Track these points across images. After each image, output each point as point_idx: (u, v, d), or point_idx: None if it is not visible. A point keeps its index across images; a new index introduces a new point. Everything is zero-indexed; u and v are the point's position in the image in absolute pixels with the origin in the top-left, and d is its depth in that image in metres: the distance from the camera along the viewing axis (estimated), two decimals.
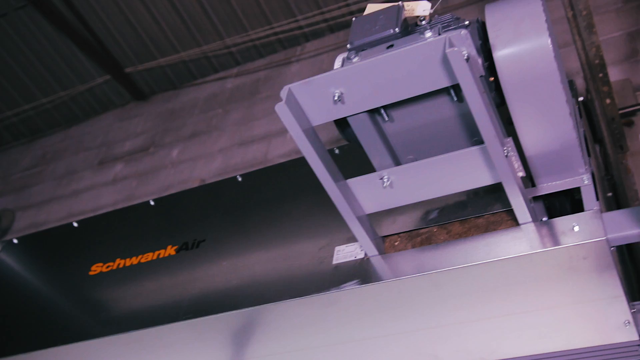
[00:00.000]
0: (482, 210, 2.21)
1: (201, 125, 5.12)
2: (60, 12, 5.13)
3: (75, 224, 3.30)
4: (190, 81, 5.54)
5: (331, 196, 2.10)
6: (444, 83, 1.84)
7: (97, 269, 2.92)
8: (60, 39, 5.31)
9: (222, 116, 5.11)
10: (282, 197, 2.76)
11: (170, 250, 2.78)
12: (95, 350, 2.70)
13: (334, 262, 2.34)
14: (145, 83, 5.60)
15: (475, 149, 1.95)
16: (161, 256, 2.78)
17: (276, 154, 4.23)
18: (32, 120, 5.87)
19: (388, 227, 2.35)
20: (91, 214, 3.60)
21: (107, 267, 2.89)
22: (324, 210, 2.57)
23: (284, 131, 4.47)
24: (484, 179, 2.02)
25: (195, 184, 4.20)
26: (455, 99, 1.94)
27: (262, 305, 2.35)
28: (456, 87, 1.89)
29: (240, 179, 2.96)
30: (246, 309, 2.37)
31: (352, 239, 2.35)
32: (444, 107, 1.99)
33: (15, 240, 3.44)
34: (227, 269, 2.56)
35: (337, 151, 2.82)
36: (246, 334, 2.50)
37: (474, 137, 2.04)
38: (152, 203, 3.15)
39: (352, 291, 2.21)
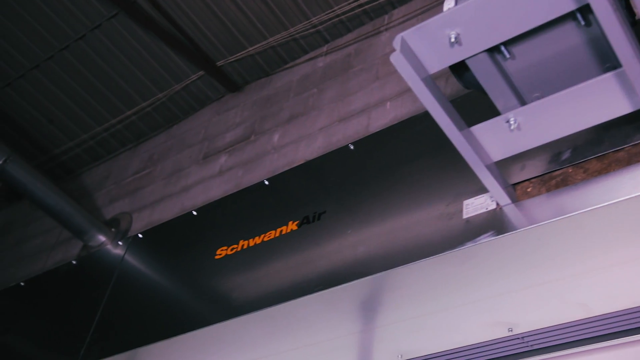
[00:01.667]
0: (621, 142, 2.06)
1: (298, 108, 5.12)
2: (149, 14, 5.25)
3: (194, 213, 3.36)
4: (281, 66, 5.53)
5: (457, 145, 2.00)
6: (570, 6, 1.71)
7: (222, 252, 2.95)
8: (153, 42, 5.43)
9: (318, 95, 5.08)
10: (397, 159, 2.68)
11: (292, 226, 2.76)
12: (231, 331, 2.74)
13: (465, 216, 2.25)
14: (238, 74, 5.64)
15: (610, 75, 1.81)
16: (284, 232, 2.77)
17: (378, 125, 4.15)
18: (135, 125, 6.05)
19: (517, 174, 2.23)
20: None
21: (232, 249, 2.91)
22: (445, 166, 2.48)
23: (383, 101, 4.39)
24: (623, 108, 1.87)
25: None
26: (582, 23, 1.79)
27: (394, 269, 2.29)
28: (583, 10, 1.75)
29: (352, 147, 2.91)
30: (378, 274, 2.32)
31: (481, 190, 2.25)
32: (570, 35, 1.85)
33: (140, 235, 3.54)
34: (353, 236, 2.51)
35: None
36: (379, 300, 2.46)
37: (606, 64, 1.89)
38: (266, 183, 3.15)
39: (488, 243, 2.12)
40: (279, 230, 2.79)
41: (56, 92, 6.04)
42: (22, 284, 4.21)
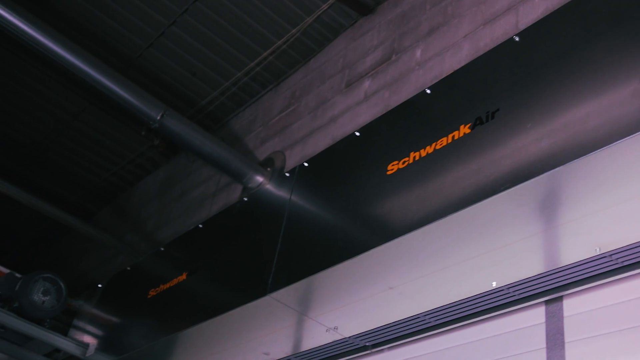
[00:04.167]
0: None
1: (437, 19, 4.92)
2: None
3: (357, 134, 3.34)
4: None
5: None
6: None
7: (393, 167, 2.91)
8: None
9: (457, 2, 4.85)
10: (572, 43, 2.48)
11: (465, 130, 2.66)
12: (414, 244, 2.72)
13: None
14: None
15: None
16: (456, 137, 2.68)
17: (527, 21, 3.89)
18: (273, 65, 6.12)
19: None
20: None
21: (404, 162, 2.87)
22: (629, 42, 2.27)
23: None
24: None
25: None
26: None
27: (587, 155, 2.15)
28: None
29: (517, 39, 2.73)
30: (570, 163, 2.19)
31: None
32: None
33: (305, 164, 3.59)
34: (535, 130, 2.37)
35: None
36: (572, 192, 2.32)
37: None
38: (428, 91, 3.06)
39: None
40: (450, 136, 2.70)
41: (195, 44, 6.22)
42: (200, 226, 4.44)
